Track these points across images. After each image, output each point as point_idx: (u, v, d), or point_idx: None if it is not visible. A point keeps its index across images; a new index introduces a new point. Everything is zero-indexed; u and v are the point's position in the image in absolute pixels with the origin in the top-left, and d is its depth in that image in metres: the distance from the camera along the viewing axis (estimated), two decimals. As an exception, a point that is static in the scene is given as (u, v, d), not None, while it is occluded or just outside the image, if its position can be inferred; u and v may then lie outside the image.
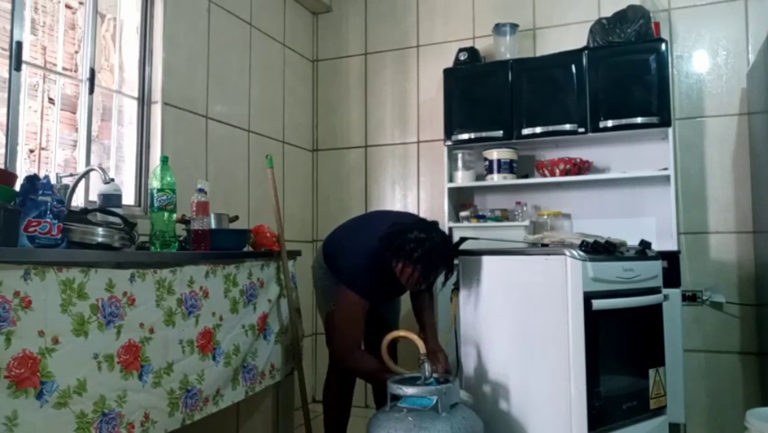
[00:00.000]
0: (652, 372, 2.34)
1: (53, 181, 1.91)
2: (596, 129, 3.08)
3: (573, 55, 3.16)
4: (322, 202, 3.97)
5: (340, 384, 2.51)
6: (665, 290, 2.44)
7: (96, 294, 1.60)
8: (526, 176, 3.38)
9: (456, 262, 2.38)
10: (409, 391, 1.93)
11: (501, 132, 3.26)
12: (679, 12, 3.28)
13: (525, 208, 3.30)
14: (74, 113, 2.50)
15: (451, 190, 3.42)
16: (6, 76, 2.14)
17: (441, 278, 2.28)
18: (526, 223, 3.16)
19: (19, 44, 2.16)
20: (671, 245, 2.93)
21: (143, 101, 2.76)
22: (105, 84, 2.66)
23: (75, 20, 2.54)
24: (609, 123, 3.05)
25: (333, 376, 2.52)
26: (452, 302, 2.41)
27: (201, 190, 2.26)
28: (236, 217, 2.49)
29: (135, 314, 1.72)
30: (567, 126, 3.14)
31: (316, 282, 2.57)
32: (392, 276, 2.21)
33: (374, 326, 2.48)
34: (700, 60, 3.25)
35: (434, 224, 2.26)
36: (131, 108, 2.75)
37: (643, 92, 3.00)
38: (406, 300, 2.66)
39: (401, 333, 2.15)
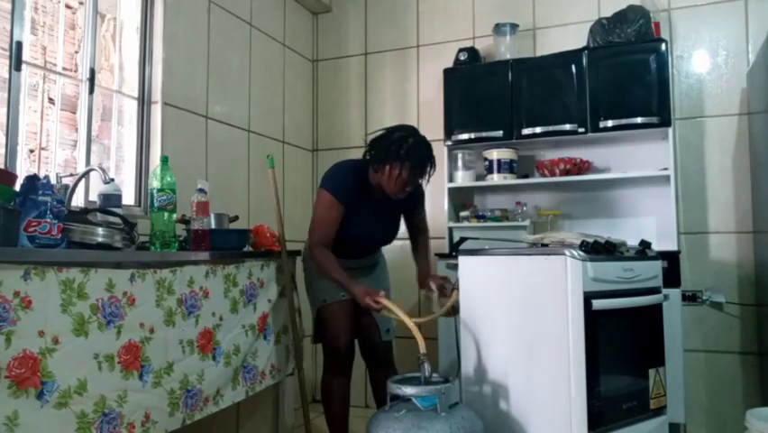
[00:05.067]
0: (652, 372, 2.34)
1: (53, 181, 1.92)
2: (596, 129, 3.08)
3: (573, 55, 3.16)
4: (322, 202, 3.97)
5: (337, 379, 2.51)
6: (665, 290, 2.44)
7: (96, 294, 1.60)
8: (526, 176, 3.38)
9: (456, 261, 2.39)
10: (409, 390, 1.93)
11: (501, 132, 3.26)
12: (679, 12, 3.28)
13: (525, 208, 3.30)
14: (74, 113, 2.50)
15: (451, 190, 3.42)
16: (6, 76, 2.14)
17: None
18: (526, 223, 3.16)
19: (19, 44, 2.16)
20: (671, 245, 2.93)
21: (143, 101, 2.76)
22: (105, 84, 2.66)
23: (75, 20, 2.54)
24: (609, 123, 3.05)
25: (329, 372, 2.53)
26: (452, 297, 2.41)
27: (201, 190, 2.26)
28: (236, 217, 2.49)
29: (135, 314, 1.72)
30: (567, 126, 3.14)
31: (306, 276, 2.60)
32: (372, 190, 2.35)
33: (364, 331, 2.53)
34: (700, 60, 3.25)
35: (413, 126, 2.43)
36: (131, 108, 2.75)
37: (643, 92, 3.00)
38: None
39: (406, 321, 2.17)
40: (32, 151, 2.34)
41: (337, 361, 2.49)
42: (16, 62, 2.15)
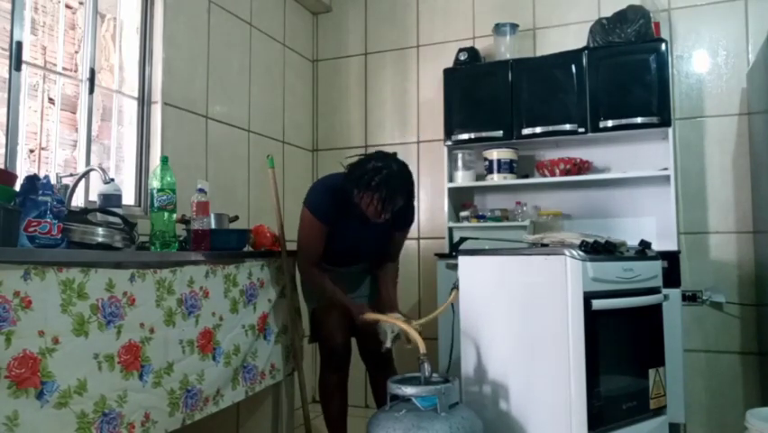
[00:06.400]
0: (652, 372, 2.34)
1: (53, 181, 1.92)
2: (596, 129, 3.08)
3: (573, 55, 3.16)
4: (322, 202, 3.97)
5: (335, 378, 2.52)
6: (665, 290, 2.44)
7: (96, 294, 1.60)
8: (526, 176, 3.38)
9: (456, 261, 2.39)
10: (409, 390, 1.93)
11: (501, 132, 3.26)
12: (679, 12, 3.28)
13: (525, 208, 3.30)
14: (74, 113, 2.50)
15: (451, 190, 3.42)
16: (6, 76, 2.14)
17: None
18: (526, 223, 3.16)
19: (19, 44, 2.16)
20: (671, 245, 2.93)
21: (143, 101, 2.76)
22: (105, 84, 2.65)
23: (75, 20, 2.54)
24: (609, 123, 3.05)
25: (326, 371, 2.54)
26: (451, 296, 2.42)
27: (201, 190, 2.26)
28: (236, 217, 2.49)
29: (135, 314, 1.72)
30: (567, 126, 3.14)
31: (300, 279, 2.62)
32: (354, 208, 2.26)
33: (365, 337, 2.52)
34: (700, 60, 3.25)
35: (393, 154, 2.31)
36: (131, 108, 2.75)
37: (643, 92, 3.00)
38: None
39: (404, 327, 2.17)
40: (32, 151, 2.34)
41: (334, 360, 2.50)
42: (16, 62, 2.15)
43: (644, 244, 2.43)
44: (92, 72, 2.51)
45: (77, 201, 2.33)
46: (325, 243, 2.38)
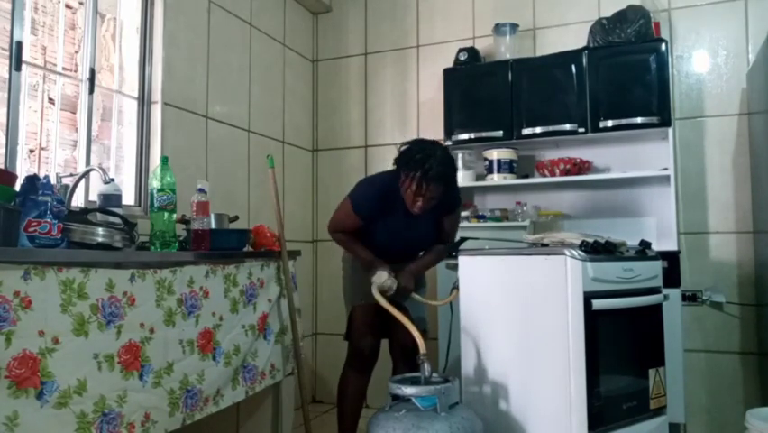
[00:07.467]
0: (652, 372, 2.34)
1: (53, 181, 1.92)
2: (596, 129, 3.08)
3: (573, 55, 3.15)
4: (322, 202, 3.97)
5: (355, 376, 2.53)
6: (665, 290, 2.44)
7: (96, 294, 1.60)
8: (526, 176, 3.38)
9: (456, 261, 2.39)
10: (409, 390, 1.93)
11: (501, 132, 3.26)
12: (679, 12, 3.28)
13: (525, 208, 3.30)
14: (74, 113, 2.50)
15: (451, 190, 3.41)
16: (6, 76, 2.14)
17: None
18: (526, 223, 3.16)
19: (19, 44, 2.16)
20: (671, 245, 2.93)
21: (143, 101, 2.76)
22: (105, 84, 2.65)
23: (75, 20, 2.54)
24: (609, 123, 3.05)
25: (349, 369, 2.55)
26: (451, 294, 2.42)
27: (201, 190, 2.26)
28: (236, 217, 2.49)
29: (135, 314, 1.72)
30: (567, 126, 3.14)
31: (343, 275, 2.67)
32: (400, 204, 2.34)
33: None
34: (700, 60, 3.25)
35: (443, 146, 2.42)
36: (131, 108, 2.75)
37: (643, 92, 3.00)
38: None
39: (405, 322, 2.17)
40: (32, 151, 2.34)
41: (359, 360, 2.51)
42: (16, 62, 2.15)
43: (644, 244, 2.43)
44: (92, 72, 2.51)
45: (77, 201, 2.33)
46: (372, 237, 2.45)
